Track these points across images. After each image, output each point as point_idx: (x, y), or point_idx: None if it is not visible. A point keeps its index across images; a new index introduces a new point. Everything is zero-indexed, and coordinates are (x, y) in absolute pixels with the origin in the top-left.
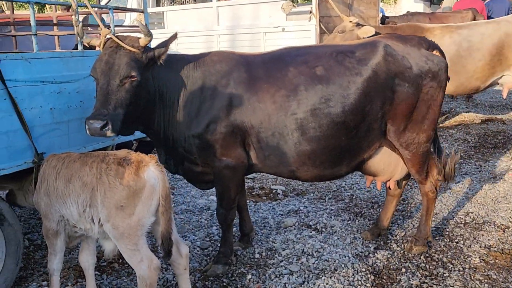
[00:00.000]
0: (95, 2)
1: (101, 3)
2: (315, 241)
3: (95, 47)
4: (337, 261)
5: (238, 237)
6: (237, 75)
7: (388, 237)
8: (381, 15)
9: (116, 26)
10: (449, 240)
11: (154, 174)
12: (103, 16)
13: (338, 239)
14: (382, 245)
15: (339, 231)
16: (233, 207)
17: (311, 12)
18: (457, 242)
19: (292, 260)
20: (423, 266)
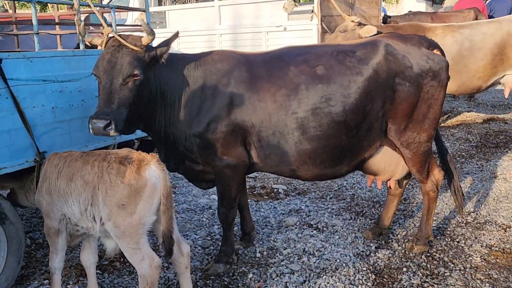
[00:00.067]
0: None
1: (103, 2)
2: (316, 240)
3: (97, 46)
4: (338, 260)
5: (239, 236)
6: (238, 74)
7: (389, 236)
8: (383, 14)
9: (118, 25)
10: (450, 240)
11: (156, 173)
12: (105, 15)
13: (339, 238)
14: (383, 244)
15: (340, 230)
16: (234, 206)
17: (313, 12)
18: (458, 242)
19: (293, 259)
20: (424, 266)
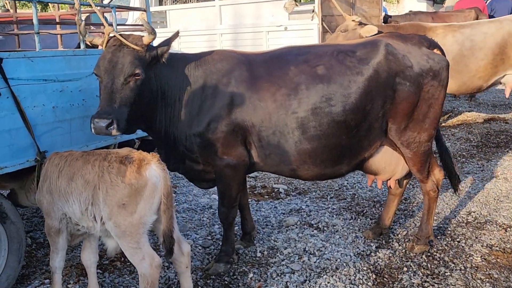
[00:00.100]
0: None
1: (103, 2)
2: (316, 240)
3: (98, 46)
4: (338, 260)
5: (240, 235)
6: (238, 74)
7: (390, 236)
8: (383, 14)
9: (118, 25)
10: (450, 239)
11: (156, 172)
12: (105, 15)
13: (340, 238)
14: (384, 244)
15: (340, 230)
16: (235, 206)
17: (313, 11)
18: (458, 241)
19: (293, 259)
20: (424, 265)
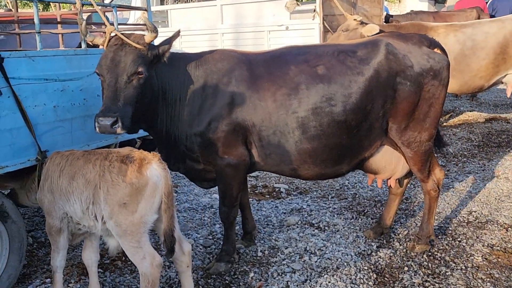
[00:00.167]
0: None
1: (105, 1)
2: (317, 239)
3: (99, 45)
4: (339, 260)
5: (240, 235)
6: (238, 73)
7: (391, 235)
8: (385, 13)
9: (120, 24)
10: (451, 239)
11: (157, 171)
12: (107, 14)
13: (341, 237)
14: (385, 243)
15: (341, 229)
16: (236, 205)
17: (315, 11)
18: (459, 241)
19: (294, 258)
20: (425, 265)
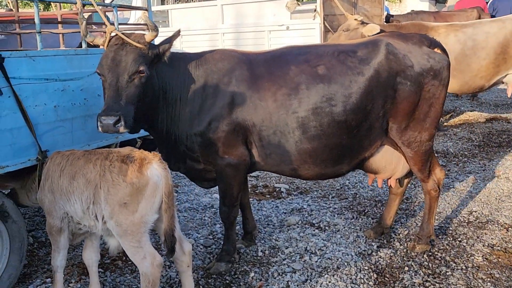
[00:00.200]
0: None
1: (105, 1)
2: (318, 239)
3: (99, 46)
4: (340, 259)
5: (241, 235)
6: (239, 73)
7: (391, 235)
8: (385, 13)
9: (120, 24)
10: (452, 239)
11: (157, 171)
12: (107, 14)
13: (341, 237)
14: (385, 243)
15: (342, 229)
16: (236, 205)
17: (315, 11)
18: (460, 241)
19: (295, 258)
20: (426, 265)
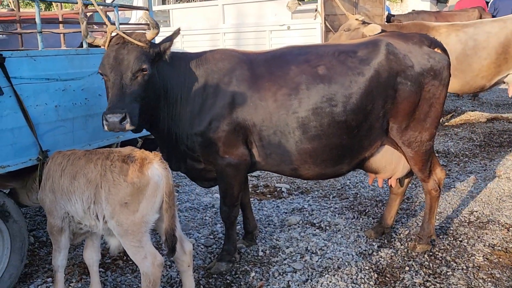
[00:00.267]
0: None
1: (106, 1)
2: (319, 239)
3: (99, 46)
4: (340, 259)
5: (242, 235)
6: (239, 73)
7: (392, 235)
8: (386, 13)
9: (121, 24)
10: (453, 239)
11: (158, 171)
12: (108, 14)
13: (342, 237)
14: (386, 243)
15: (343, 229)
16: (236, 205)
17: (316, 10)
18: (461, 241)
19: (295, 258)
20: (426, 265)
